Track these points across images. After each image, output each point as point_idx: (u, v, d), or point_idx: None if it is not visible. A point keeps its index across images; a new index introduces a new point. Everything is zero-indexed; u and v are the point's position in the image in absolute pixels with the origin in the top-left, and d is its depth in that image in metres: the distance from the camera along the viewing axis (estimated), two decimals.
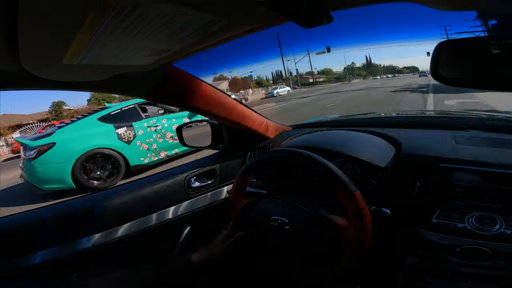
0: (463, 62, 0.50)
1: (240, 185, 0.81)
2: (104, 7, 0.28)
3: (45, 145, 3.87)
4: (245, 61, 39.53)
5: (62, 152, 3.92)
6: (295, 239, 0.67)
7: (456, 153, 0.77)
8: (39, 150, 3.82)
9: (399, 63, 48.04)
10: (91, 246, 0.81)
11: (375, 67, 42.53)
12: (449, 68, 0.50)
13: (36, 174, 3.87)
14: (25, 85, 0.56)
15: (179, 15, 0.33)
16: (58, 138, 3.99)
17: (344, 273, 0.66)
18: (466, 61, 0.49)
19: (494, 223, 0.69)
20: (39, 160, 3.82)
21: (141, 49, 0.44)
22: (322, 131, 1.13)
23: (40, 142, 3.91)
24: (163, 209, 0.97)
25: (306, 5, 0.35)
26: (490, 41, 0.44)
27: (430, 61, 0.50)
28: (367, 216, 0.60)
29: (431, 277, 0.78)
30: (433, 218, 0.75)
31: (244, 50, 34.55)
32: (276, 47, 37.79)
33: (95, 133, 4.19)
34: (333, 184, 0.61)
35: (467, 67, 0.49)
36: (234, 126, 1.04)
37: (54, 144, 3.90)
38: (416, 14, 40.53)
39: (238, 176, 0.81)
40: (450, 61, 0.50)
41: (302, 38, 36.36)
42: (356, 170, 0.88)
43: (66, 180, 3.91)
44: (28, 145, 3.92)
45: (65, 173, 3.90)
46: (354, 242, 0.61)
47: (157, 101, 0.83)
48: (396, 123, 1.12)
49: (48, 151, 3.86)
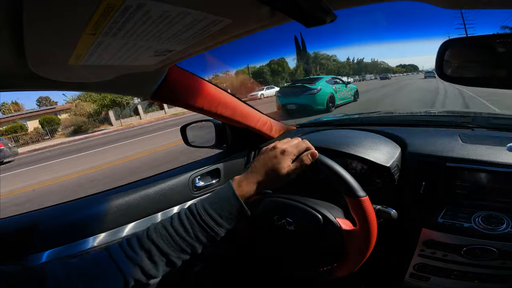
0: (469, 61, 0.49)
1: None
2: (108, 8, 0.28)
3: (318, 89, 8.64)
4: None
5: (323, 92, 8.70)
6: (298, 239, 0.67)
7: (462, 152, 0.77)
8: (317, 89, 8.58)
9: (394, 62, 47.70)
10: (97, 245, 0.82)
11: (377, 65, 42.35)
12: (454, 67, 0.50)
13: (316, 100, 8.50)
14: (31, 86, 0.57)
15: (183, 15, 0.33)
16: (320, 85, 8.81)
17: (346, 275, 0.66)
18: (472, 60, 0.48)
19: (501, 223, 0.68)
20: (318, 93, 8.55)
21: (145, 49, 0.44)
22: (327, 130, 1.12)
23: (316, 86, 8.69)
24: (167, 209, 0.97)
25: (309, 4, 0.34)
26: (496, 39, 0.44)
27: (435, 59, 0.49)
28: (374, 223, 0.59)
29: (437, 277, 0.78)
30: (439, 217, 0.75)
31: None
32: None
33: (327, 86, 9.08)
34: (340, 188, 0.61)
35: (473, 65, 0.49)
36: (238, 125, 1.05)
37: (320, 89, 8.64)
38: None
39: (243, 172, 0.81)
40: (456, 59, 0.49)
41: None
42: (361, 169, 0.87)
43: (324, 104, 8.55)
44: (312, 88, 8.65)
45: (323, 100, 8.57)
46: (358, 247, 0.60)
47: (161, 102, 0.83)
48: (401, 122, 1.11)
49: (320, 91, 8.61)
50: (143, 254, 0.55)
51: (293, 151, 0.65)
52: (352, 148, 0.85)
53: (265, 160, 0.65)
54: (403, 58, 63.18)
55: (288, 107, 8.90)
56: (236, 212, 0.60)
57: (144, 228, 0.60)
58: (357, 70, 38.84)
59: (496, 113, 1.07)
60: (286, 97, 9.13)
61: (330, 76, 9.99)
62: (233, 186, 0.62)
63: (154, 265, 0.55)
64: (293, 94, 8.93)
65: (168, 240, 0.56)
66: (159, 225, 0.59)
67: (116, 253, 0.54)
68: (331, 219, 0.62)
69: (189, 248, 0.57)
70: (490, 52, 0.45)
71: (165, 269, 0.57)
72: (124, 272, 0.52)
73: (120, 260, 0.53)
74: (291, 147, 0.66)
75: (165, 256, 0.56)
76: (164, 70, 0.72)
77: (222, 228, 0.59)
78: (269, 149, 0.68)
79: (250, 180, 0.64)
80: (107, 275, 0.52)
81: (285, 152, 0.65)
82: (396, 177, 0.81)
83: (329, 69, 35.66)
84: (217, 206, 0.60)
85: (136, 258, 0.54)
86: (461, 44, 0.51)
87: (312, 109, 8.43)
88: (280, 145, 0.67)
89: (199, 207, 0.60)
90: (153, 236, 0.56)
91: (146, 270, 0.54)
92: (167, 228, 0.58)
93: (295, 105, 8.71)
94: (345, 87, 10.17)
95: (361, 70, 38.80)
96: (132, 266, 0.53)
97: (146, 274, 0.54)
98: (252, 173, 0.65)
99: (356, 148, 0.85)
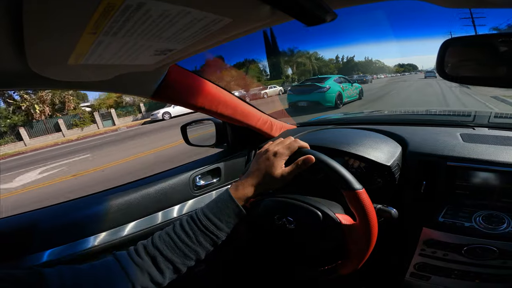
0: (470, 60, 0.49)
1: None
2: (108, 7, 0.28)
3: (327, 87, 9.47)
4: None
5: (332, 90, 9.54)
6: (299, 238, 0.67)
7: (463, 152, 0.76)
8: (326, 88, 9.43)
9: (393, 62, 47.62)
10: (97, 244, 0.82)
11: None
12: (455, 66, 0.49)
13: (326, 97, 9.30)
14: (32, 85, 0.57)
15: (183, 14, 0.33)
16: (328, 84, 9.68)
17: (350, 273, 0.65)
18: (473, 59, 0.48)
19: (502, 222, 0.68)
20: (327, 92, 9.39)
21: (145, 49, 0.44)
22: (327, 129, 1.12)
23: (325, 85, 9.53)
24: (168, 208, 0.97)
25: (310, 3, 0.34)
26: (497, 38, 0.43)
27: (436, 59, 0.49)
28: (372, 215, 0.59)
29: (437, 276, 0.78)
30: (440, 217, 0.74)
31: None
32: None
33: (335, 85, 9.88)
34: (337, 182, 0.61)
35: (474, 64, 0.48)
36: (239, 124, 1.04)
37: (329, 87, 9.51)
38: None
39: (242, 175, 0.81)
40: (457, 58, 0.49)
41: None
42: (362, 169, 0.87)
43: (333, 102, 9.35)
44: (322, 86, 9.52)
45: (332, 98, 9.37)
46: (359, 242, 0.60)
47: (162, 101, 0.83)
48: (402, 121, 1.11)
49: (329, 89, 9.46)
50: (149, 261, 0.56)
51: (285, 152, 0.66)
52: (352, 147, 0.85)
53: (259, 163, 0.67)
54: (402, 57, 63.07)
55: (300, 104, 9.72)
56: (234, 214, 0.62)
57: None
58: (343, 70, 38.44)
59: (497, 112, 1.06)
60: (298, 95, 9.98)
61: (338, 76, 11.04)
62: (230, 191, 0.64)
63: (160, 272, 0.56)
64: (304, 92, 9.84)
65: (172, 246, 0.58)
66: (163, 233, 0.60)
67: (125, 260, 0.55)
68: (331, 215, 0.62)
69: (193, 253, 0.59)
70: (491, 51, 0.44)
71: (172, 276, 0.58)
72: (133, 280, 0.53)
73: (129, 267, 0.54)
74: (283, 148, 0.67)
75: (171, 263, 0.57)
76: (164, 70, 0.72)
77: (222, 231, 0.61)
78: (262, 152, 0.69)
79: (246, 183, 0.65)
80: (116, 282, 0.52)
81: (277, 154, 0.66)
82: (396, 176, 0.81)
83: (305, 69, 35.34)
84: (216, 210, 0.62)
85: (144, 265, 0.55)
86: (462, 43, 0.51)
87: (322, 106, 9.32)
88: (272, 147, 0.68)
89: (199, 213, 0.62)
90: (158, 244, 0.58)
91: (153, 277, 0.55)
92: (170, 234, 0.59)
93: (306, 102, 9.58)
94: (351, 86, 11.10)
95: (351, 70, 38.46)
96: (140, 273, 0.54)
97: (153, 282, 0.55)
98: (247, 176, 0.66)
99: (356, 147, 0.85)
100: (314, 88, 9.68)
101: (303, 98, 9.67)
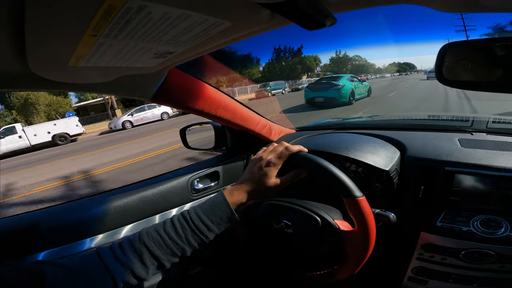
0: (469, 64, 0.49)
1: None
2: (109, 9, 0.28)
3: (342, 85, 10.54)
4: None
5: (346, 87, 10.60)
6: (297, 242, 0.66)
7: (461, 157, 0.77)
8: (341, 85, 10.53)
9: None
10: (94, 247, 0.81)
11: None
12: (454, 71, 0.50)
13: (341, 94, 10.31)
14: (32, 86, 0.57)
15: (183, 17, 0.33)
16: (342, 82, 10.73)
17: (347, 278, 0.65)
18: (472, 63, 0.49)
19: (500, 226, 0.68)
20: (342, 89, 10.45)
21: (145, 51, 0.44)
22: (326, 133, 1.12)
23: (340, 83, 10.70)
24: (166, 211, 0.97)
25: (309, 8, 0.35)
26: (495, 43, 0.44)
27: (435, 63, 0.50)
28: (372, 222, 0.59)
29: (435, 281, 0.77)
30: (438, 221, 0.74)
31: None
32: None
33: (348, 83, 10.89)
34: (338, 189, 0.61)
35: (473, 69, 0.49)
36: (238, 128, 1.04)
37: (344, 85, 10.53)
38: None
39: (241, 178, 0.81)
40: (455, 63, 0.49)
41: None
42: (360, 173, 0.87)
43: (347, 97, 10.43)
44: (337, 84, 10.64)
45: (346, 95, 10.36)
46: (357, 248, 0.60)
47: (161, 103, 0.83)
48: (400, 126, 1.12)
49: (343, 86, 10.47)
50: (134, 257, 0.56)
51: (276, 162, 0.66)
52: (351, 151, 0.85)
53: (253, 172, 0.67)
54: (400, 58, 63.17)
55: (317, 100, 10.87)
56: (227, 218, 0.62)
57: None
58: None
59: (495, 118, 1.07)
60: (315, 92, 11.14)
61: (350, 75, 12.26)
62: (225, 194, 0.64)
63: (145, 267, 0.56)
64: (321, 89, 11.06)
65: (160, 243, 0.58)
66: (151, 229, 0.60)
67: (106, 255, 0.55)
68: (329, 221, 0.61)
69: (180, 251, 0.59)
70: (489, 56, 0.45)
71: (155, 272, 0.58)
72: (114, 274, 0.53)
73: (109, 262, 0.54)
74: (275, 158, 0.67)
75: (156, 260, 0.57)
76: (164, 72, 0.72)
77: (212, 232, 0.61)
78: (256, 159, 0.69)
79: (241, 189, 0.65)
80: (95, 276, 0.52)
81: (270, 164, 0.66)
82: (395, 181, 0.81)
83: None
84: (209, 212, 0.62)
85: (127, 261, 0.55)
86: (460, 48, 0.51)
87: (337, 102, 10.40)
88: (265, 155, 0.69)
89: (192, 213, 0.62)
90: (145, 240, 0.58)
91: (136, 272, 0.55)
92: (160, 232, 0.59)
93: (323, 98, 10.72)
94: (361, 84, 12.18)
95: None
96: (122, 268, 0.54)
97: (136, 276, 0.55)
98: (242, 183, 0.66)
99: (355, 151, 0.85)
100: (330, 85, 10.86)
101: (320, 95, 10.81)
